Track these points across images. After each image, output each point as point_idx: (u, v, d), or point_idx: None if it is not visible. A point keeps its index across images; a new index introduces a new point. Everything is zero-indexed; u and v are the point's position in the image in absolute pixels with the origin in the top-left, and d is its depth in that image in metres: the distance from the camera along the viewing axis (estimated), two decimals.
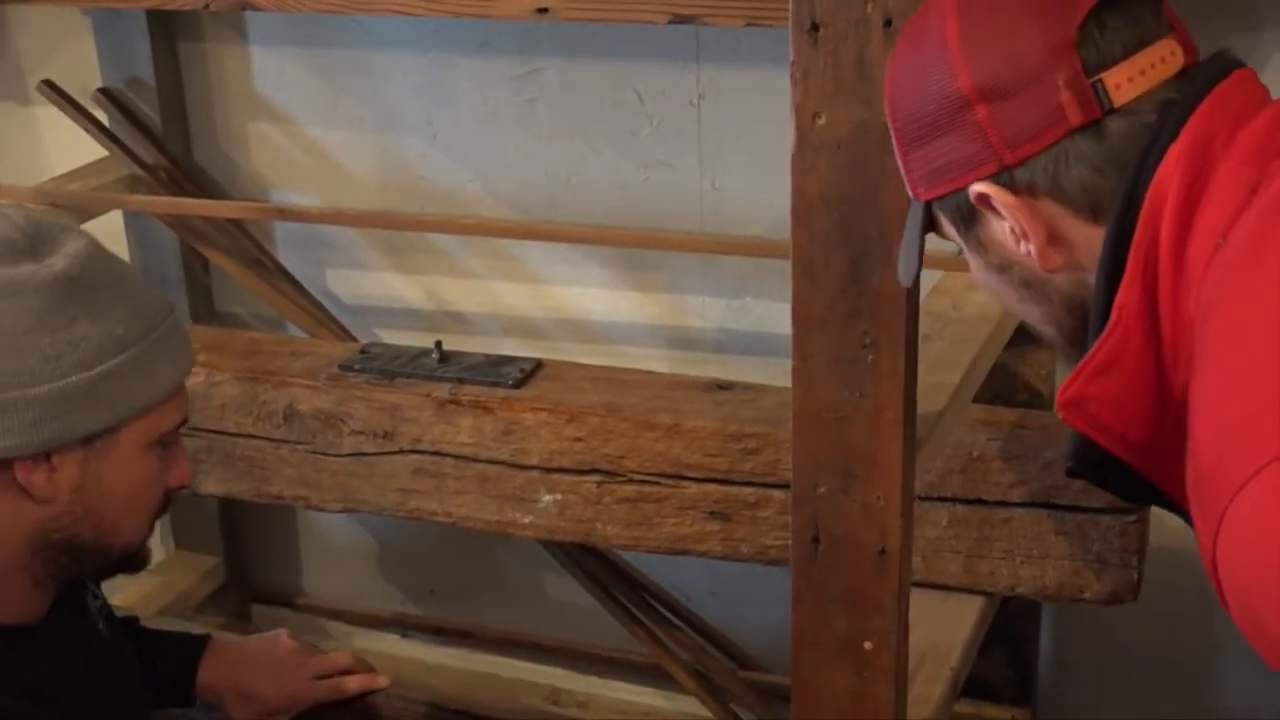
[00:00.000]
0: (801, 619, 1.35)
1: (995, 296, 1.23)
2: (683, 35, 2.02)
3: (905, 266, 1.22)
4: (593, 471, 1.81)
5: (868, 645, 1.33)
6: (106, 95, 2.33)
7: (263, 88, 2.32)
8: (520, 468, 1.83)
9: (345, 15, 2.07)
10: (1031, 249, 1.13)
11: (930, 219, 1.18)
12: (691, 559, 1.85)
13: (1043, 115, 1.08)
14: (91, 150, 2.32)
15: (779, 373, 1.50)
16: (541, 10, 1.81)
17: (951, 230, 1.18)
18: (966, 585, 1.77)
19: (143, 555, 1.46)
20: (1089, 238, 1.11)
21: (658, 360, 2.19)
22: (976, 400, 1.75)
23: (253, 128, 2.35)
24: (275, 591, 2.64)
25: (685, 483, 1.78)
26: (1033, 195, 1.11)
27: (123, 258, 1.58)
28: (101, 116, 2.34)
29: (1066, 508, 1.69)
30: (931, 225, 1.19)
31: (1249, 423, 0.97)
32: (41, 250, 1.32)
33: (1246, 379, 0.99)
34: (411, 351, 1.95)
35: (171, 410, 1.39)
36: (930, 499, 1.73)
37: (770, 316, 2.14)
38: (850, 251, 1.21)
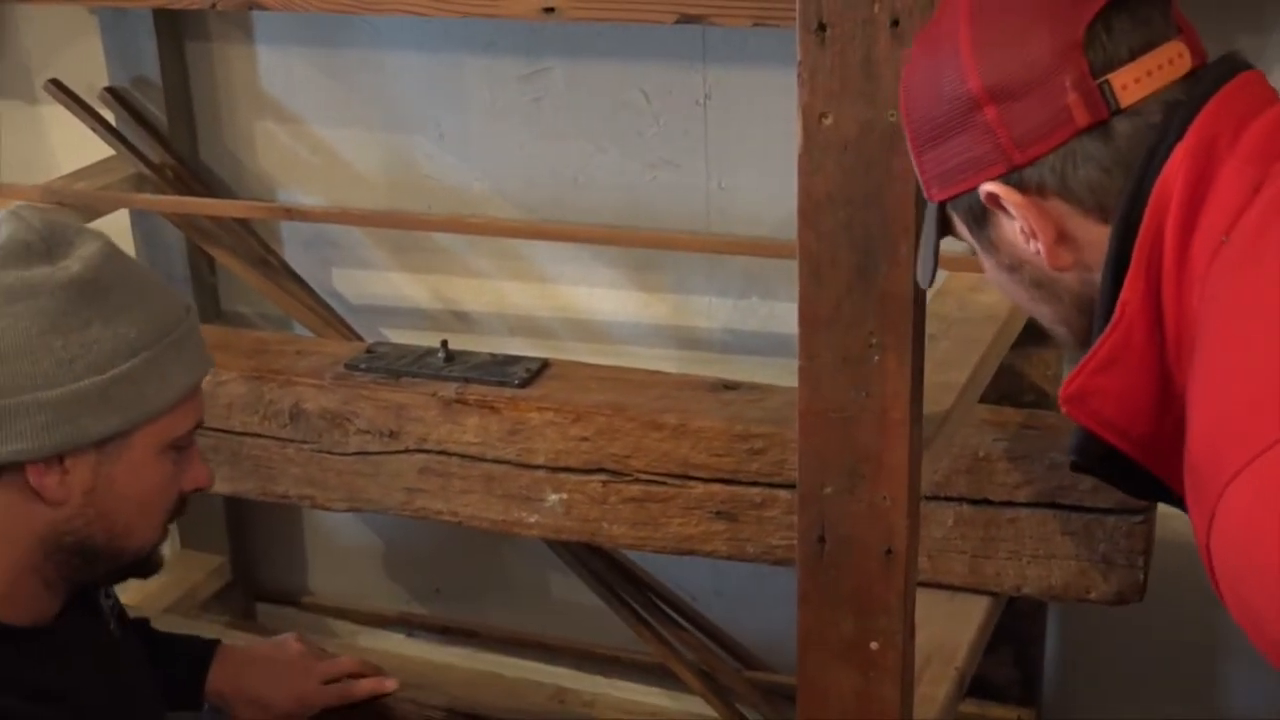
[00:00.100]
0: (807, 619, 1.35)
1: (1008, 296, 1.24)
2: (689, 35, 2.02)
3: (923, 268, 1.23)
4: (599, 471, 1.80)
5: (873, 645, 1.33)
6: (113, 94, 2.33)
7: (269, 87, 2.32)
8: (526, 467, 1.83)
9: (352, 15, 2.07)
10: (1040, 248, 1.14)
11: (944, 220, 1.20)
12: (697, 559, 1.85)
13: (1050, 116, 1.09)
14: (98, 149, 2.33)
15: (785, 373, 1.50)
16: (548, 10, 1.81)
17: (964, 231, 1.20)
18: (972, 585, 1.77)
19: (155, 559, 1.46)
20: (1097, 237, 1.12)
21: (664, 360, 2.19)
22: (983, 401, 1.75)
23: (259, 127, 2.35)
24: (281, 590, 2.64)
25: (691, 482, 1.77)
26: (1041, 195, 1.12)
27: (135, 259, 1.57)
28: (108, 115, 2.34)
29: (1073, 508, 1.69)
30: (946, 226, 1.20)
31: (1243, 414, 0.98)
32: (56, 253, 1.31)
33: (1243, 372, 1.00)
34: (417, 351, 1.95)
35: (185, 414, 1.38)
36: (936, 499, 1.73)
37: (776, 316, 2.14)
38: (857, 252, 1.21)
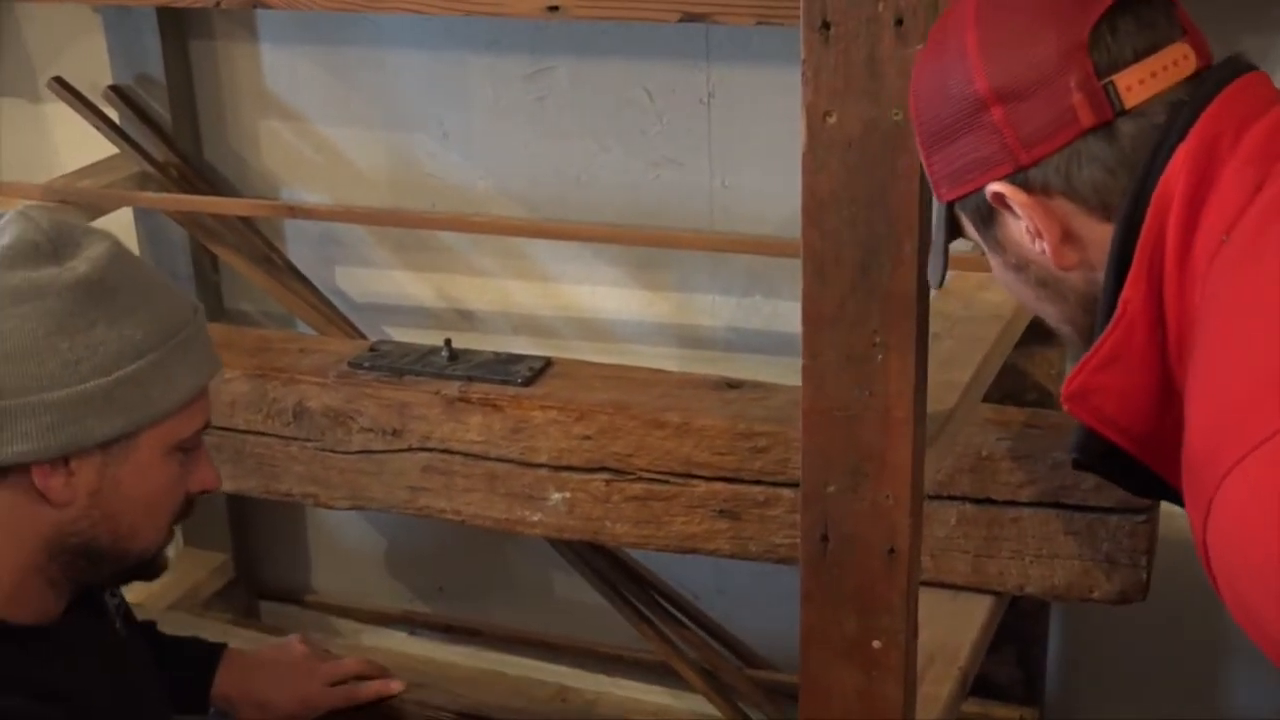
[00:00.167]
0: (810, 618, 1.35)
1: (1014, 296, 1.25)
2: (693, 33, 2.02)
3: (933, 268, 1.24)
4: (601, 470, 1.80)
5: (876, 644, 1.33)
6: (117, 92, 2.33)
7: (273, 85, 2.32)
8: (529, 466, 1.83)
9: (356, 13, 2.07)
10: (1046, 247, 1.15)
11: (953, 220, 1.21)
12: (700, 557, 1.85)
13: (1056, 116, 1.10)
14: (102, 147, 2.33)
15: (788, 371, 1.50)
16: (552, 8, 1.81)
17: (972, 230, 1.21)
18: (975, 585, 1.77)
19: (160, 561, 1.45)
20: (1101, 236, 1.13)
21: (667, 359, 2.19)
22: (986, 400, 1.74)
23: (263, 125, 2.35)
24: (284, 588, 2.64)
25: (694, 481, 1.77)
26: (1047, 194, 1.13)
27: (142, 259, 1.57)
28: (112, 114, 2.34)
29: (1076, 507, 1.69)
30: (955, 226, 1.22)
31: (1242, 407, 0.99)
32: (63, 253, 1.31)
33: (1242, 368, 1.01)
34: (421, 349, 1.95)
35: (192, 416, 1.37)
36: (939, 498, 1.73)
37: (780, 315, 2.14)
38: (861, 250, 1.21)
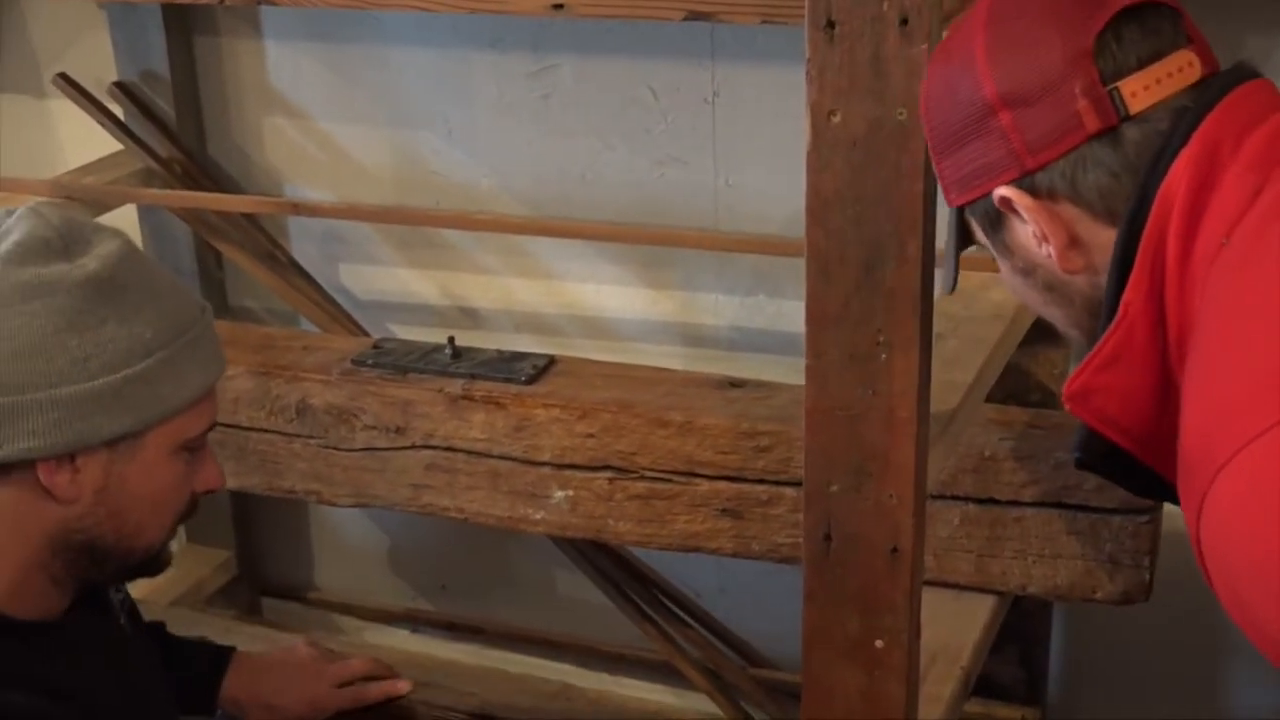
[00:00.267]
0: (813, 617, 1.35)
1: (1023, 300, 1.27)
2: (698, 32, 2.02)
3: (944, 273, 1.27)
4: (605, 468, 1.80)
5: (879, 644, 1.33)
6: (121, 89, 2.34)
7: (277, 82, 2.32)
8: (532, 464, 1.83)
9: (360, 10, 2.07)
10: (1052, 251, 1.16)
11: (964, 225, 1.23)
12: (703, 556, 1.85)
13: (1061, 121, 1.12)
14: (106, 144, 2.33)
15: (792, 370, 1.50)
16: (557, 6, 1.81)
17: (981, 235, 1.23)
18: (978, 584, 1.77)
19: (164, 557, 1.45)
20: (1106, 241, 1.14)
21: (671, 357, 2.19)
22: (989, 400, 1.74)
23: (267, 122, 2.35)
24: (286, 585, 2.65)
25: (697, 480, 1.77)
26: (1053, 199, 1.14)
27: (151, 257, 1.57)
28: (116, 110, 2.34)
29: (1079, 507, 1.69)
30: (966, 232, 1.24)
31: (1235, 405, 1.00)
32: (74, 250, 1.30)
33: (1238, 365, 1.02)
34: (424, 347, 1.95)
35: (199, 415, 1.37)
36: (942, 498, 1.73)
37: (784, 314, 2.13)
38: (865, 249, 1.20)
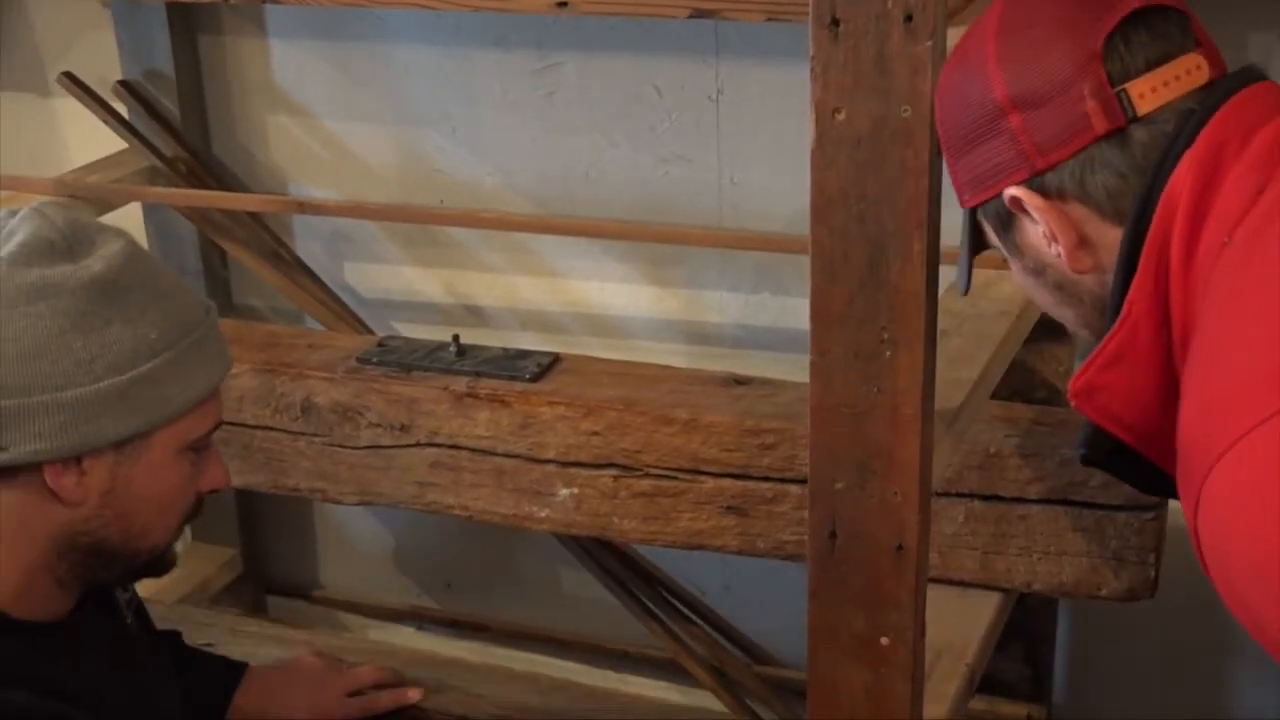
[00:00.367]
0: (818, 614, 1.35)
1: (1034, 300, 1.29)
2: (702, 29, 2.02)
3: (959, 276, 1.30)
4: (609, 466, 1.80)
5: (884, 641, 1.33)
6: (126, 87, 2.34)
7: (281, 81, 2.32)
8: (537, 461, 1.83)
9: (364, 9, 2.07)
10: (1061, 251, 1.18)
11: (977, 227, 1.25)
12: (707, 554, 1.85)
13: (1070, 122, 1.14)
14: (111, 142, 2.33)
15: (797, 368, 1.50)
16: (561, 4, 1.81)
17: (993, 236, 1.25)
18: (983, 581, 1.77)
19: (169, 557, 1.44)
20: (1114, 240, 1.16)
21: (675, 355, 2.19)
22: (994, 397, 1.74)
23: (271, 121, 2.35)
24: (291, 583, 2.65)
25: (702, 477, 1.77)
26: (1062, 199, 1.16)
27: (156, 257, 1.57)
28: (121, 109, 2.35)
29: (1084, 504, 1.69)
30: (979, 234, 1.26)
31: (1232, 396, 1.02)
32: (78, 251, 1.30)
33: (1234, 360, 1.03)
34: (429, 345, 1.95)
35: (204, 416, 1.37)
36: (947, 495, 1.73)
37: (788, 311, 2.13)
38: (869, 247, 1.21)
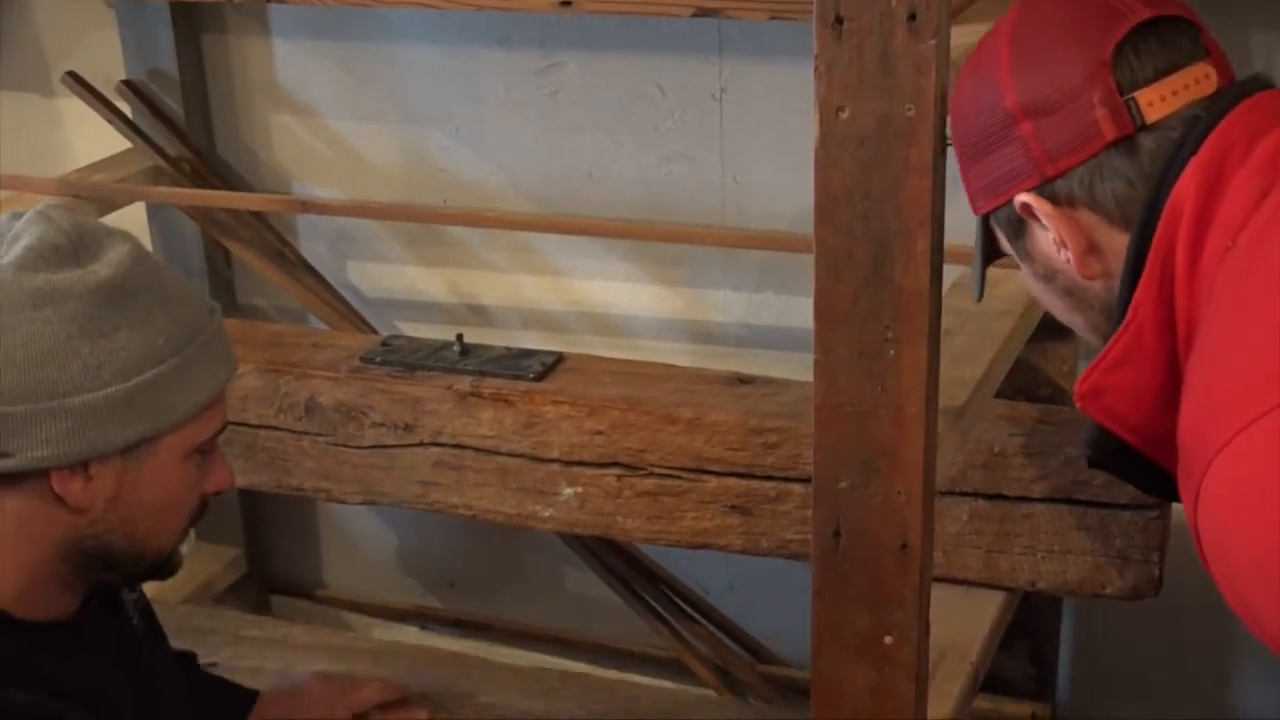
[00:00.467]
0: (822, 613, 1.34)
1: (1045, 305, 1.31)
2: (705, 28, 2.02)
3: (972, 281, 1.33)
4: (613, 465, 1.81)
5: (888, 640, 1.33)
6: (130, 87, 2.34)
7: (285, 80, 2.32)
8: (541, 461, 1.83)
9: (368, 8, 2.07)
10: (1070, 256, 1.20)
11: (989, 234, 1.28)
12: (711, 553, 1.85)
13: (1080, 130, 1.15)
14: (115, 142, 2.33)
15: (800, 367, 1.50)
16: (564, 3, 1.81)
17: (1005, 243, 1.27)
18: (987, 580, 1.77)
19: (175, 560, 1.43)
20: (1122, 247, 1.17)
21: (679, 354, 2.18)
22: (998, 395, 1.74)
23: (275, 120, 2.35)
24: (295, 583, 2.65)
25: (706, 477, 1.77)
26: (1071, 205, 1.18)
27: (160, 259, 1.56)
28: (125, 108, 2.34)
29: (1088, 503, 1.69)
30: (992, 240, 1.28)
31: (1231, 392, 1.03)
32: (85, 256, 1.29)
33: (1235, 360, 1.05)
34: (433, 344, 1.95)
35: (210, 420, 1.36)
36: (951, 494, 1.73)
37: (792, 310, 2.13)
38: (873, 246, 1.20)
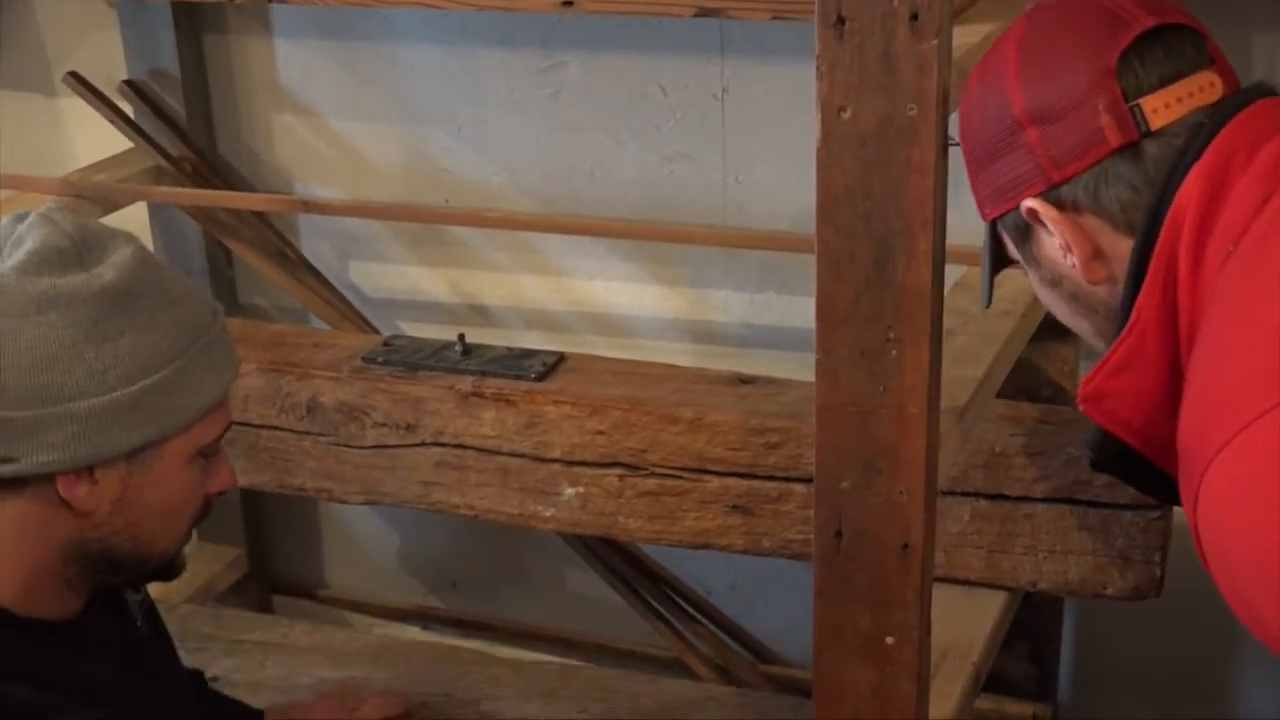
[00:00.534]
0: (823, 613, 1.35)
1: (1052, 310, 1.31)
2: (707, 28, 2.02)
3: (982, 288, 1.34)
4: (615, 465, 1.81)
5: (890, 640, 1.33)
6: (131, 87, 2.34)
7: (287, 80, 2.32)
8: (542, 461, 1.83)
9: (369, 8, 2.07)
10: (1076, 262, 1.21)
11: (997, 240, 1.29)
12: (713, 553, 1.85)
13: (1085, 136, 1.16)
14: (116, 142, 2.33)
15: (802, 367, 1.50)
16: (566, 3, 1.81)
17: (1013, 248, 1.28)
18: (989, 581, 1.77)
19: (179, 562, 1.43)
20: (1126, 252, 1.18)
21: (680, 354, 2.18)
22: (999, 396, 1.74)
23: (276, 120, 2.35)
24: (297, 583, 2.65)
25: (707, 477, 1.77)
26: (1077, 211, 1.19)
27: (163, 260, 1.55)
28: (126, 108, 2.34)
29: (1089, 503, 1.69)
30: (1000, 247, 1.29)
31: (1231, 392, 1.04)
32: (89, 259, 1.29)
33: (1234, 362, 1.06)
34: (434, 344, 1.95)
35: (215, 422, 1.36)
36: (953, 494, 1.73)
37: (793, 310, 2.13)
38: (875, 246, 1.21)
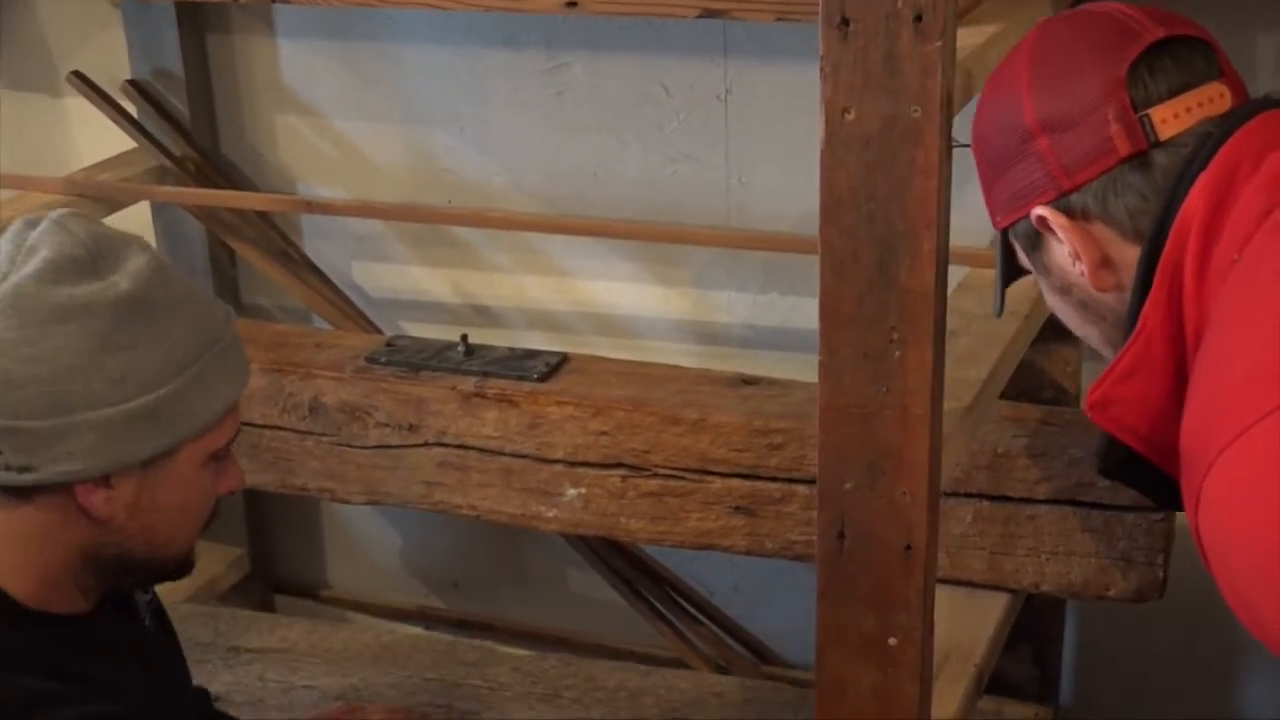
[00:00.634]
0: (826, 615, 1.35)
1: (1062, 318, 1.32)
2: (711, 29, 2.02)
3: (994, 297, 1.35)
4: (617, 466, 1.81)
5: (892, 641, 1.33)
6: (135, 87, 2.34)
7: (290, 80, 2.32)
8: (545, 461, 1.83)
9: (373, 9, 2.07)
10: (1084, 269, 1.21)
11: (1009, 248, 1.30)
12: (716, 554, 1.85)
13: (1095, 145, 1.17)
14: (120, 141, 2.33)
15: (805, 368, 1.50)
16: (570, 4, 1.81)
17: (1024, 256, 1.29)
18: (991, 582, 1.77)
19: (189, 561, 1.43)
20: (1134, 260, 1.19)
21: (683, 355, 2.18)
22: (1002, 397, 1.74)
23: (280, 120, 2.35)
24: (299, 583, 2.65)
25: (710, 477, 1.77)
26: (1086, 219, 1.20)
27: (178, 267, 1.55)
28: (130, 108, 2.35)
29: (1092, 505, 1.69)
30: (1011, 255, 1.30)
31: (1232, 396, 1.05)
32: (104, 267, 1.28)
33: (1236, 366, 1.06)
34: (437, 345, 1.95)
35: (228, 426, 1.37)
36: (956, 495, 1.73)
37: (797, 311, 2.13)
38: (879, 247, 1.21)
